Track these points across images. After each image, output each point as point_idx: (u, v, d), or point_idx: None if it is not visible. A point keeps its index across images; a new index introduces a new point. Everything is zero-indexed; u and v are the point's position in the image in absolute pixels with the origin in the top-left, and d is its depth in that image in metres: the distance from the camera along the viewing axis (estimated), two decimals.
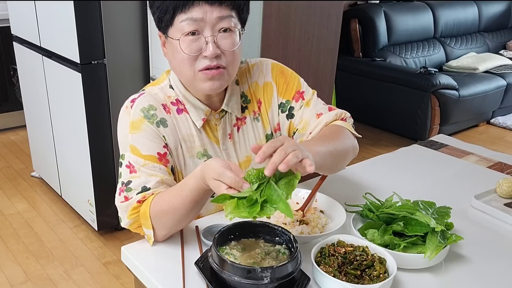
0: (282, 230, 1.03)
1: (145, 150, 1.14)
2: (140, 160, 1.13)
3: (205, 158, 1.22)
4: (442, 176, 1.55)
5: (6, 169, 3.47)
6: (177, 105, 1.21)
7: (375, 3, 4.53)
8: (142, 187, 1.12)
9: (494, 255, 1.16)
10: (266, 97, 1.28)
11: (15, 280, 2.36)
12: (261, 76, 1.29)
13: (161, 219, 1.09)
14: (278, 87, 1.29)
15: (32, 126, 3.17)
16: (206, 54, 1.09)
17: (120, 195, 1.14)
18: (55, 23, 2.44)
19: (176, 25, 1.09)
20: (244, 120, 1.27)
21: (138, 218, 1.12)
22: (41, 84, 2.77)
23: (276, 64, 1.32)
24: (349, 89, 4.40)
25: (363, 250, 1.03)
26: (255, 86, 1.28)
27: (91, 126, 2.44)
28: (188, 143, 1.21)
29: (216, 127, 1.23)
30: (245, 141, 1.27)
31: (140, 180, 1.12)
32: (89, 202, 2.64)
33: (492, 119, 4.61)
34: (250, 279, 0.90)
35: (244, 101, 1.27)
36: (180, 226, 1.13)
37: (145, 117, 1.15)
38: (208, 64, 1.10)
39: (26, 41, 2.83)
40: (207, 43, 1.09)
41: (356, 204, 1.21)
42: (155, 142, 1.15)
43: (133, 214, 1.12)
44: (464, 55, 4.85)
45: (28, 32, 2.75)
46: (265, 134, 1.29)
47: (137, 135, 1.14)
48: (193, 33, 1.09)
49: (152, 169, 1.13)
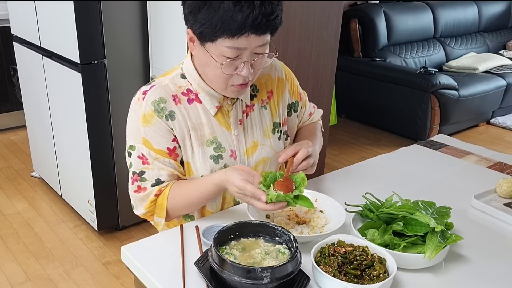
0: (282, 230, 1.03)
1: (156, 144, 1.20)
2: (152, 153, 1.20)
3: (214, 145, 1.25)
4: (442, 176, 1.55)
5: (6, 169, 3.47)
6: (188, 95, 1.24)
7: (375, 3, 4.53)
8: (156, 179, 1.21)
9: (494, 255, 1.16)
10: (279, 90, 1.36)
11: (15, 280, 2.36)
12: (273, 69, 1.35)
13: (176, 211, 1.24)
14: (290, 86, 1.38)
15: (32, 126, 3.17)
16: (241, 74, 1.14)
17: (134, 184, 1.23)
18: (55, 23, 2.44)
19: (218, 46, 1.10)
20: (252, 107, 1.31)
21: (154, 209, 1.23)
22: (41, 84, 2.77)
23: (283, 64, 1.41)
24: (349, 89, 4.40)
25: (363, 250, 1.03)
26: (267, 78, 1.34)
27: (91, 126, 2.44)
28: (198, 132, 1.24)
29: (229, 113, 1.27)
30: (253, 127, 1.31)
31: (154, 172, 1.21)
32: (89, 202, 2.64)
33: (492, 119, 4.61)
34: (250, 279, 0.90)
35: (253, 90, 1.32)
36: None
37: (155, 111, 1.19)
38: (242, 82, 1.16)
39: (26, 41, 2.83)
40: (243, 64, 1.12)
41: (356, 204, 1.21)
42: (165, 137, 1.21)
43: (151, 206, 1.23)
44: (464, 55, 4.85)
45: (28, 32, 2.75)
46: (272, 122, 1.34)
47: (149, 129, 1.20)
48: None
49: (163, 163, 1.21)
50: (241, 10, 1.03)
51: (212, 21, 1.06)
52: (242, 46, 1.08)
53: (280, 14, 1.11)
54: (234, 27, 1.05)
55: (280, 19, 1.12)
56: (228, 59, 1.10)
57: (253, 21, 1.04)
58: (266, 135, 1.32)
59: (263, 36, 1.09)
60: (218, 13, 1.05)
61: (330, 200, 1.24)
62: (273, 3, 1.07)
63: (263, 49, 1.13)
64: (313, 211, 1.23)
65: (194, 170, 1.25)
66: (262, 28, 1.07)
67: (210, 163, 1.24)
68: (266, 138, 1.32)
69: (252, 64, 1.13)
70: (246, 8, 1.04)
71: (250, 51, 1.11)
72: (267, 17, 1.06)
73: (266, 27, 1.08)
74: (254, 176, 1.13)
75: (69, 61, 2.40)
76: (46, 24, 2.54)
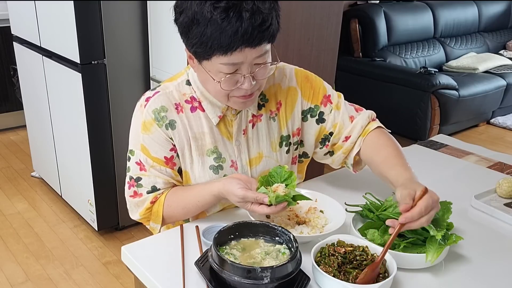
0: (282, 230, 1.03)
1: (153, 152, 1.20)
2: (150, 160, 1.20)
3: (214, 155, 1.23)
4: (442, 176, 1.55)
5: (6, 169, 3.47)
6: (191, 103, 1.22)
7: (375, 3, 4.53)
8: (152, 186, 1.21)
9: (494, 255, 1.16)
10: (289, 101, 1.29)
11: (15, 280, 2.36)
12: (284, 79, 1.29)
13: (172, 218, 1.24)
14: (304, 92, 1.30)
15: (32, 126, 3.17)
16: (243, 87, 1.10)
17: (130, 189, 1.23)
18: (55, 23, 2.44)
19: (214, 63, 1.06)
20: (260, 118, 1.27)
21: (149, 216, 1.24)
22: (41, 84, 2.77)
23: (299, 69, 1.33)
24: (349, 89, 4.39)
25: (363, 250, 1.03)
26: (277, 88, 1.29)
27: (91, 126, 2.44)
28: (199, 141, 1.22)
29: (232, 122, 1.24)
30: (259, 138, 1.28)
31: (150, 180, 1.21)
32: (89, 202, 2.64)
33: (492, 119, 4.61)
34: (250, 279, 0.90)
35: (262, 99, 1.28)
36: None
37: (155, 119, 1.18)
38: (244, 94, 1.12)
39: (26, 41, 2.83)
40: (244, 77, 1.09)
41: (356, 204, 1.21)
42: (163, 146, 1.20)
43: (147, 213, 1.23)
44: (464, 55, 4.85)
45: (28, 32, 2.75)
46: (280, 135, 1.30)
47: (148, 137, 1.19)
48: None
49: (160, 171, 1.20)
50: (229, 25, 0.99)
51: (202, 39, 1.02)
52: (238, 60, 1.05)
53: (275, 20, 1.06)
54: (225, 43, 1.01)
55: (275, 26, 1.06)
56: (226, 75, 1.07)
57: (244, 35, 1.00)
58: (273, 148, 1.29)
59: (259, 47, 1.05)
60: (207, 31, 1.01)
61: (330, 200, 1.24)
62: (263, 12, 1.02)
63: (262, 59, 1.08)
64: (313, 211, 1.23)
65: (192, 180, 1.24)
66: (256, 40, 1.02)
67: (209, 173, 1.23)
68: (272, 151, 1.29)
69: (253, 75, 1.09)
70: (235, 22, 0.99)
71: (248, 64, 1.06)
72: (258, 28, 1.01)
73: (260, 38, 1.03)
74: (252, 183, 1.13)
75: (69, 61, 2.40)
76: (46, 24, 2.54)
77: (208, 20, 1.00)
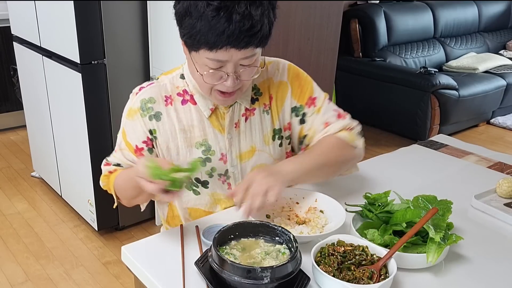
0: (282, 230, 1.03)
1: (128, 137, 1.25)
2: (123, 144, 1.26)
3: (203, 148, 1.25)
4: (442, 176, 1.55)
5: (6, 169, 3.47)
6: (183, 96, 1.25)
7: (375, 3, 4.53)
8: (117, 163, 1.28)
9: (494, 255, 1.16)
10: (280, 95, 1.31)
11: (15, 280, 2.36)
12: (276, 73, 1.31)
13: (120, 192, 1.27)
14: (293, 89, 1.31)
15: (32, 126, 3.17)
16: (225, 84, 1.12)
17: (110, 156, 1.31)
18: (55, 23, 2.44)
19: (201, 55, 1.09)
20: (253, 111, 1.29)
21: (107, 184, 1.30)
22: (41, 84, 2.77)
23: (292, 66, 1.34)
24: (349, 89, 4.40)
25: (362, 250, 1.03)
26: (270, 82, 1.31)
27: (91, 126, 2.44)
28: (188, 133, 1.24)
29: (224, 115, 1.26)
30: (252, 131, 1.29)
31: (116, 159, 1.28)
32: (89, 202, 2.64)
33: (492, 119, 4.61)
34: (250, 279, 0.90)
35: (255, 93, 1.29)
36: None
37: (140, 109, 1.23)
38: (226, 90, 1.14)
39: (26, 41, 2.83)
40: (228, 75, 1.10)
41: (356, 204, 1.21)
42: (138, 135, 1.24)
43: (104, 180, 1.31)
44: (464, 55, 4.85)
45: (28, 32, 2.75)
46: (272, 128, 1.31)
47: (129, 122, 1.25)
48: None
49: (126, 156, 1.26)
50: (218, 24, 1.01)
51: (192, 32, 1.05)
52: (223, 58, 1.07)
53: (266, 27, 1.06)
54: (211, 40, 1.03)
55: (265, 32, 1.06)
56: (210, 69, 1.10)
57: (230, 36, 1.02)
58: (266, 141, 1.30)
59: (246, 49, 1.06)
60: (197, 24, 1.03)
61: (330, 200, 1.24)
62: (254, 18, 1.02)
63: (249, 61, 1.10)
64: (313, 211, 1.23)
65: None
66: (242, 42, 1.04)
67: None
68: (265, 144, 1.30)
69: (238, 75, 1.11)
70: (223, 22, 1.01)
71: (233, 63, 1.08)
72: (245, 32, 1.02)
73: (247, 42, 1.04)
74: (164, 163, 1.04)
75: (69, 61, 2.40)
76: (46, 24, 2.54)
77: (200, 14, 1.03)
